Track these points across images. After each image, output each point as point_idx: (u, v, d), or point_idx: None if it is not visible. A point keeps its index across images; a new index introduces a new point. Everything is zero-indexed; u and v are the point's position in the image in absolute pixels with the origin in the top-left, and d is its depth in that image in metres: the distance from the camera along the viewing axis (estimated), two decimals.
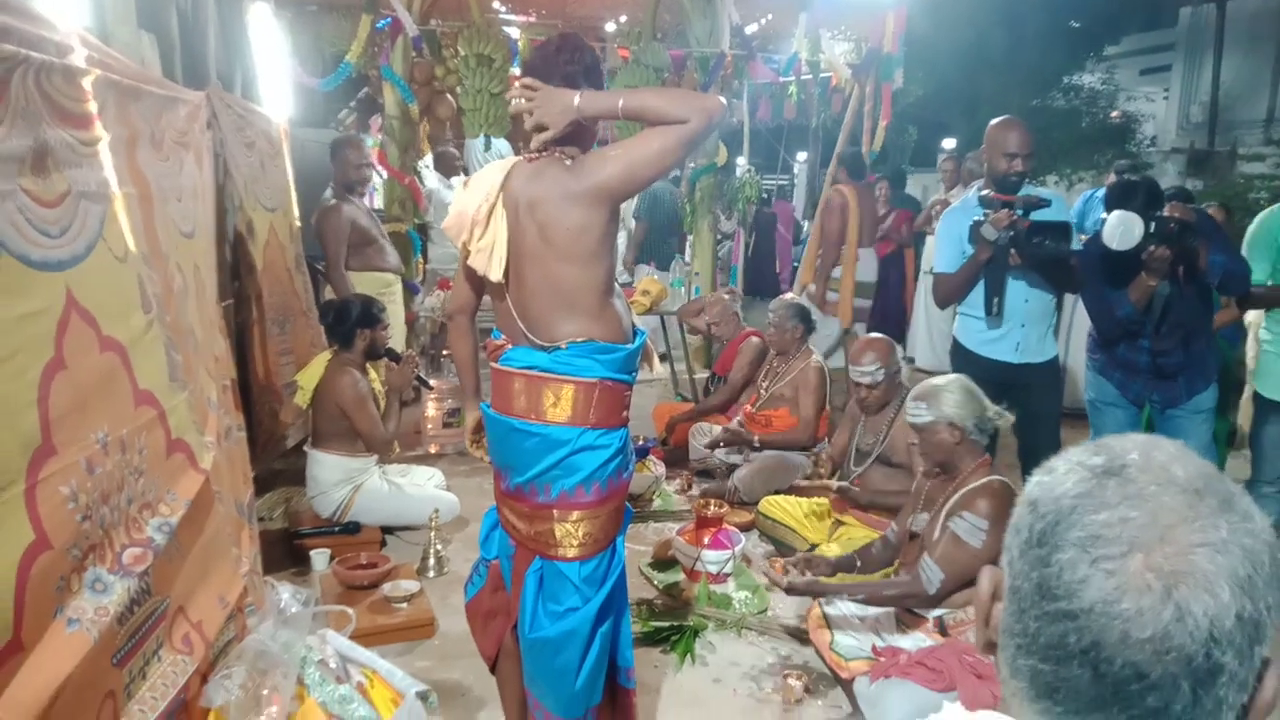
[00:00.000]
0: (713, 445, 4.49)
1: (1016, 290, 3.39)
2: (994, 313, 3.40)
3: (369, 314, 3.77)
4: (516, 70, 5.25)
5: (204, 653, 2.02)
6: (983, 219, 3.28)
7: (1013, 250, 3.27)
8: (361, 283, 4.53)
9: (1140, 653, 0.64)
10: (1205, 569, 0.64)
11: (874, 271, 6.06)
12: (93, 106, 1.77)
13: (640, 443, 4.46)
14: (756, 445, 4.31)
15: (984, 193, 3.41)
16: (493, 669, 2.40)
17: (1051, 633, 0.67)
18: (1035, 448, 3.30)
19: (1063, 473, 0.72)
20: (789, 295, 4.74)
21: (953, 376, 2.74)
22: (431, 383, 4.48)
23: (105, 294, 1.76)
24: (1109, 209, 3.17)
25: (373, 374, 3.89)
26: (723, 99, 2.05)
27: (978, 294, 3.45)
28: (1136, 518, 0.66)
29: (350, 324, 3.74)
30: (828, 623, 2.82)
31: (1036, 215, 3.26)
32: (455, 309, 2.36)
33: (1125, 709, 0.65)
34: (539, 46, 2.15)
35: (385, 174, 5.54)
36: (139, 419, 1.87)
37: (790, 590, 2.71)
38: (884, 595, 2.69)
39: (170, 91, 2.49)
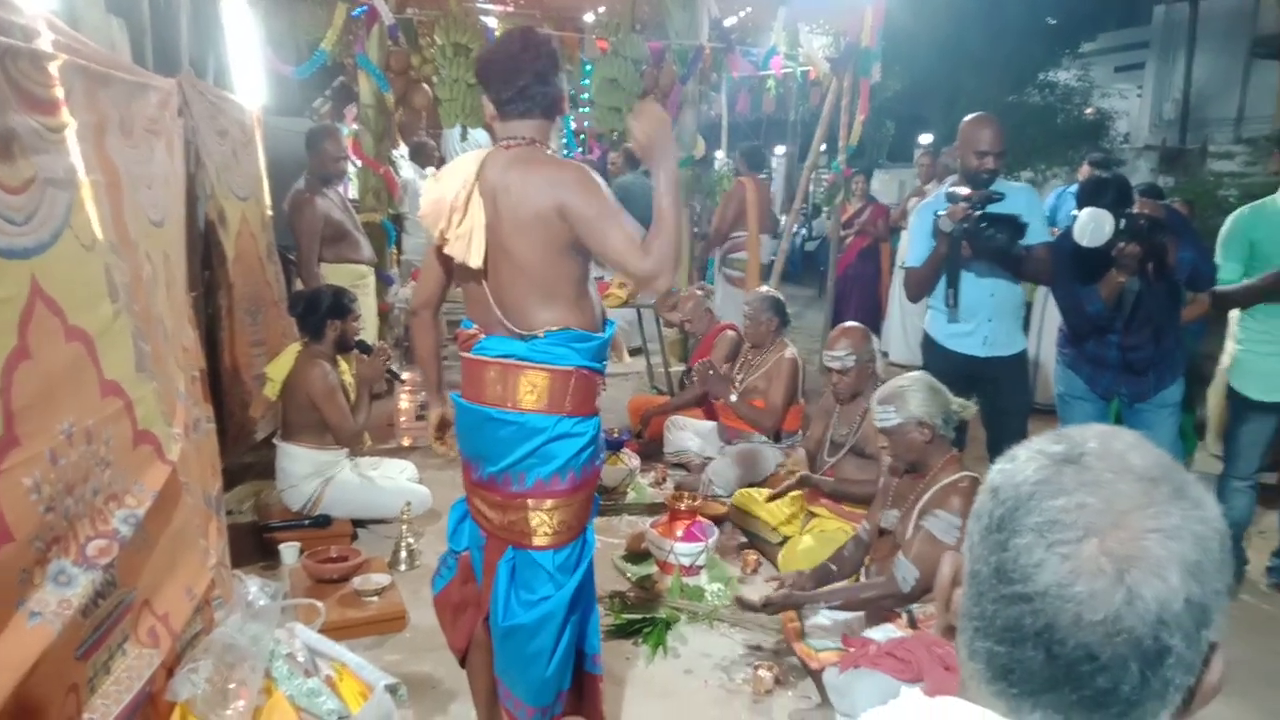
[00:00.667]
0: (704, 372, 4.45)
1: (982, 284, 3.43)
2: (951, 304, 3.45)
3: (339, 305, 3.73)
4: None
5: (170, 646, 2.00)
6: (944, 212, 3.35)
7: (965, 241, 3.32)
8: (335, 275, 4.49)
9: (1092, 635, 0.65)
10: (1157, 554, 0.65)
11: (770, 255, 6.83)
12: (59, 92, 1.74)
13: (615, 435, 4.47)
14: (732, 398, 4.30)
15: (950, 189, 3.46)
16: (462, 662, 2.40)
17: (1008, 615, 0.69)
18: (1003, 441, 3.33)
19: (1023, 460, 0.73)
20: (763, 288, 4.75)
21: (914, 375, 2.75)
22: (404, 375, 4.45)
23: (71, 283, 1.74)
24: (1080, 206, 3.21)
25: (343, 366, 3.86)
26: (668, 284, 2.09)
27: (942, 288, 3.50)
28: (1092, 504, 0.67)
29: (320, 315, 3.69)
30: (799, 614, 2.84)
31: (998, 208, 3.29)
32: (421, 303, 2.35)
33: (1076, 689, 0.67)
34: (498, 43, 2.15)
35: (359, 163, 5.48)
36: (105, 409, 1.85)
37: (767, 608, 2.71)
38: (860, 599, 2.70)
39: (141, 78, 2.46)
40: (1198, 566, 0.66)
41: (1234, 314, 3.70)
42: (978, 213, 3.26)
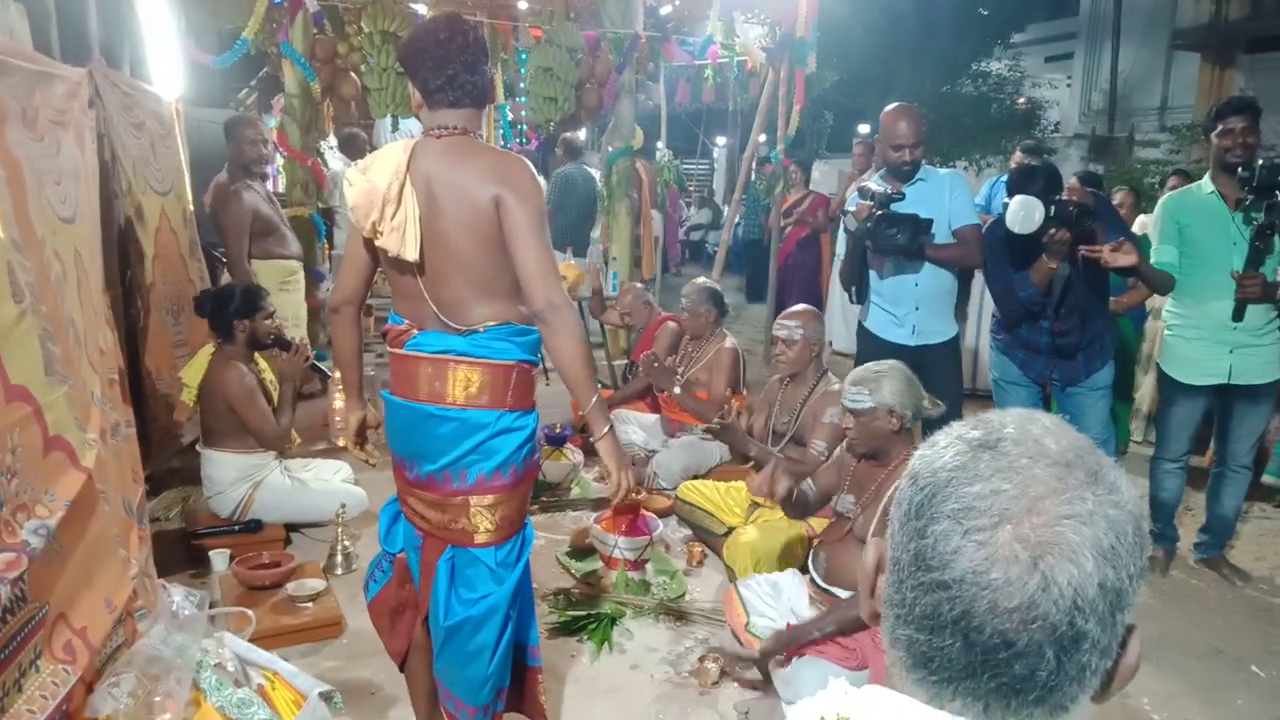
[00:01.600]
0: (649, 365, 4.41)
1: (906, 274, 3.49)
2: (854, 300, 3.53)
3: (247, 303, 3.53)
4: None
5: (88, 660, 1.92)
6: (853, 209, 3.42)
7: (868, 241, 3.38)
8: (263, 271, 4.35)
9: (1007, 622, 0.65)
10: (1070, 540, 0.65)
11: (660, 228, 8.02)
12: None
13: (558, 431, 4.42)
14: (676, 390, 4.29)
15: (861, 185, 3.51)
16: (402, 667, 2.35)
17: (926, 603, 0.68)
18: (937, 429, 3.38)
19: (942, 446, 0.73)
20: (701, 280, 4.73)
21: (892, 363, 2.69)
22: (336, 373, 4.31)
23: None
24: (1011, 194, 3.25)
25: (263, 365, 3.71)
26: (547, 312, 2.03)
27: (873, 277, 3.54)
28: (1007, 490, 0.67)
29: (227, 315, 3.51)
30: (744, 604, 2.82)
31: (904, 206, 3.34)
32: (342, 300, 2.24)
33: (994, 676, 0.67)
34: (422, 30, 2.07)
35: (285, 155, 5.31)
36: (11, 416, 1.76)
37: (763, 659, 2.58)
38: (850, 616, 2.50)
39: (44, 67, 2.34)
40: (1112, 551, 0.66)
41: (1160, 300, 3.79)
42: (879, 213, 3.29)
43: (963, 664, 0.67)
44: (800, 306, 3.72)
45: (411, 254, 1.97)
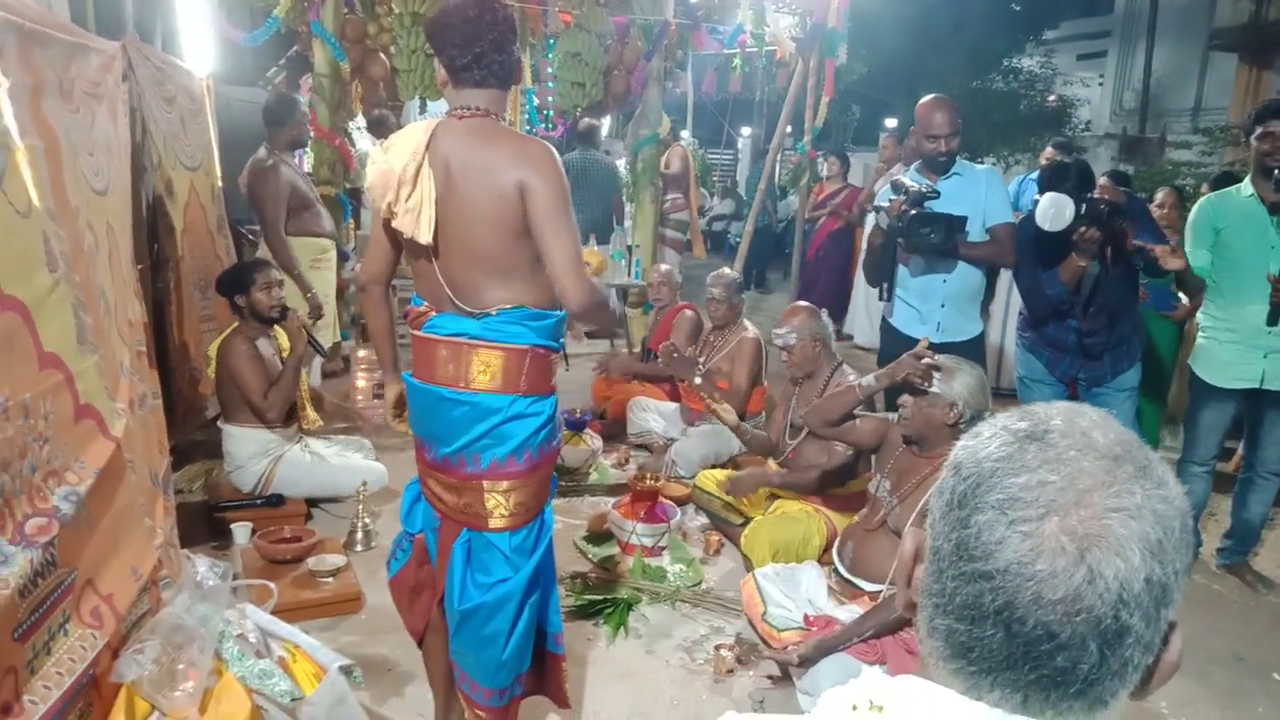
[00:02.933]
0: (668, 355, 4.39)
1: (935, 271, 3.45)
2: (882, 297, 3.49)
3: (240, 277, 3.55)
4: None
5: (115, 626, 1.94)
6: (886, 204, 3.37)
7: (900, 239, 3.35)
8: (298, 248, 4.37)
9: (1051, 613, 0.64)
10: (1118, 533, 0.64)
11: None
12: None
13: (578, 416, 4.43)
14: (697, 380, 4.26)
15: (896, 179, 3.47)
16: (420, 644, 2.36)
17: (968, 593, 0.68)
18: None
19: (987, 436, 0.72)
20: (726, 269, 4.72)
21: (974, 364, 2.67)
22: (328, 346, 4.26)
23: (5, 250, 1.66)
24: (1042, 191, 3.22)
25: (284, 341, 3.71)
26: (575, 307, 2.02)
27: (901, 273, 3.51)
28: (1055, 481, 0.66)
29: (229, 292, 3.54)
30: (761, 594, 2.82)
31: (940, 204, 3.30)
32: (369, 278, 2.24)
33: (1035, 668, 0.66)
34: (449, 9, 2.01)
35: (313, 135, 5.33)
36: (44, 382, 1.78)
37: (804, 664, 2.52)
38: (889, 618, 2.47)
39: (81, 39, 2.35)
40: (1159, 546, 0.65)
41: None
42: (913, 211, 3.25)
43: (1003, 655, 0.67)
44: (791, 307, 3.65)
45: (425, 237, 1.95)
